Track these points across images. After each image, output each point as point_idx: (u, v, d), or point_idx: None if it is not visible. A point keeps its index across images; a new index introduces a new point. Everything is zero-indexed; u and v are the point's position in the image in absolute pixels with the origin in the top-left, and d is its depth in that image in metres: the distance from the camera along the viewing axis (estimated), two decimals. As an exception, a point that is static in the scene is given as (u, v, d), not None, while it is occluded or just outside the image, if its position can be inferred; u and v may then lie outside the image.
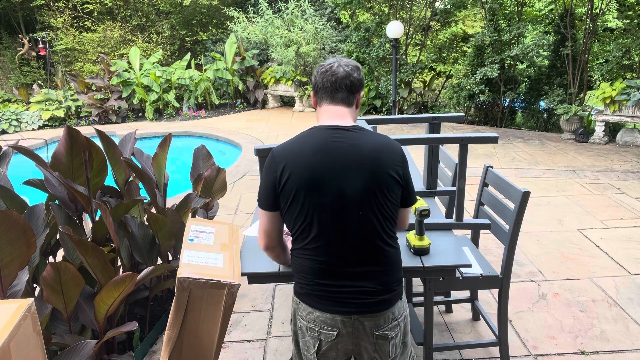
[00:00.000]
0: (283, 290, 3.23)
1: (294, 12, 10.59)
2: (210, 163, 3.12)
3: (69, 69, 13.16)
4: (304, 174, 1.39)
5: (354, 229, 1.41)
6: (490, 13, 8.69)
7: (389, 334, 1.48)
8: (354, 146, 1.41)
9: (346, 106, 1.48)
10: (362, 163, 1.40)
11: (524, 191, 2.13)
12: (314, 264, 1.45)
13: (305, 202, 1.40)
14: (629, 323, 2.76)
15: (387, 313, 1.47)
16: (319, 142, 1.42)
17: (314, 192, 1.39)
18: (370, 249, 1.43)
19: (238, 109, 11.47)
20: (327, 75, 1.46)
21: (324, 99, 1.49)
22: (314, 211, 1.41)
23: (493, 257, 3.60)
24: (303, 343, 1.53)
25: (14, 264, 1.73)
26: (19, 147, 2.23)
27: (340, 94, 1.47)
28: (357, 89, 1.49)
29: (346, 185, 1.39)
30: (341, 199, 1.40)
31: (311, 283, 1.46)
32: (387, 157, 1.42)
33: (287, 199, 1.43)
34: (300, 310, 1.50)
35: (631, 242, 3.78)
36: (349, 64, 1.48)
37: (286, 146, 1.45)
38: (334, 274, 1.43)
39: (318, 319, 1.46)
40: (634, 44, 7.46)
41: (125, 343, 2.59)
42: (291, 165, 1.40)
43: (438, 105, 10.33)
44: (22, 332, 1.22)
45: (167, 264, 2.33)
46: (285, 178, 1.41)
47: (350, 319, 1.44)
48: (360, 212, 1.40)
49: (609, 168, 5.81)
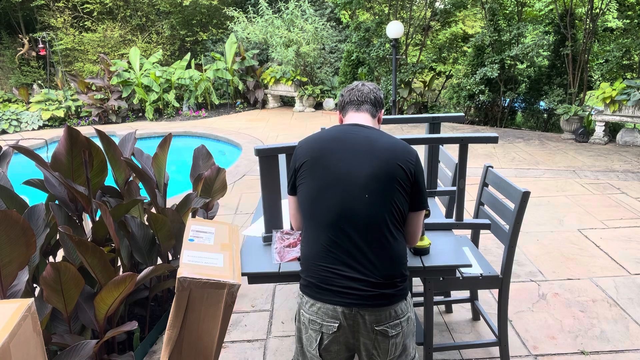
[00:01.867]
0: (283, 290, 3.23)
1: (294, 12, 10.59)
2: (210, 163, 3.12)
3: (69, 69, 13.16)
4: (314, 154, 1.53)
5: (360, 213, 1.45)
6: (490, 13, 8.69)
7: (390, 332, 1.48)
8: (368, 138, 1.53)
9: (370, 116, 1.65)
10: (373, 151, 1.49)
11: (524, 191, 2.13)
12: (318, 246, 1.49)
13: (312, 181, 1.51)
14: (629, 323, 2.76)
15: (389, 309, 1.48)
16: (334, 132, 1.57)
17: (320, 171, 1.50)
18: (375, 236, 1.45)
19: (238, 109, 11.47)
20: (354, 92, 1.67)
21: (349, 110, 1.67)
22: (317, 193, 1.49)
23: (493, 257, 3.60)
24: (306, 338, 1.55)
25: (14, 264, 1.73)
26: (19, 147, 2.23)
27: (366, 105, 1.65)
28: (380, 105, 1.69)
29: (353, 169, 1.47)
30: (347, 180, 1.47)
31: (313, 267, 1.50)
32: (400, 152, 1.50)
33: (300, 179, 1.56)
34: (304, 304, 1.54)
35: (631, 242, 3.78)
36: (372, 84, 1.70)
37: (308, 137, 1.61)
38: (337, 256, 1.46)
39: (320, 310, 1.48)
40: (634, 44, 7.46)
41: (125, 343, 2.59)
42: (306, 150, 1.57)
43: (438, 105, 10.33)
44: (22, 332, 1.21)
45: (167, 264, 2.33)
46: (300, 162, 1.57)
47: (351, 311, 1.46)
48: (367, 195, 1.45)
49: (609, 168, 5.81)
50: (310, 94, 10.80)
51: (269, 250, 2.01)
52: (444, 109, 10.12)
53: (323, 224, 1.48)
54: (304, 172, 1.54)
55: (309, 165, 1.53)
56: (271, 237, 2.06)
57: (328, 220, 1.47)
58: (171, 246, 2.63)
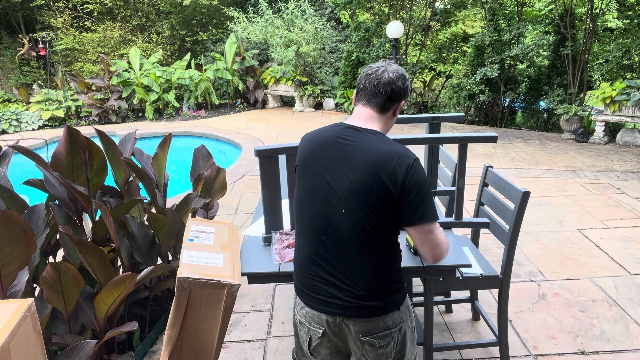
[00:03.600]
0: (283, 290, 3.23)
1: (294, 12, 10.59)
2: (210, 163, 3.12)
3: (69, 69, 13.16)
4: (305, 159, 1.49)
5: (338, 227, 1.39)
6: (490, 13, 8.69)
7: (377, 342, 1.43)
8: (356, 146, 1.39)
9: (379, 112, 1.46)
10: (355, 162, 1.37)
11: (524, 191, 2.13)
12: (304, 253, 1.48)
13: (300, 187, 1.49)
14: (629, 323, 2.76)
15: (376, 321, 1.41)
16: (326, 136, 1.47)
17: (307, 178, 1.47)
18: (353, 251, 1.38)
19: (238, 109, 11.47)
20: (371, 78, 1.45)
21: (361, 100, 1.49)
22: (304, 199, 1.47)
23: (493, 257, 3.60)
24: (299, 336, 1.56)
25: (14, 264, 1.73)
26: (19, 147, 2.23)
27: (378, 99, 1.45)
28: (398, 97, 1.46)
29: (334, 180, 1.40)
30: (329, 192, 1.40)
31: (301, 273, 1.49)
32: (385, 163, 1.34)
33: (297, 180, 1.54)
34: (296, 304, 1.55)
35: (631, 242, 3.78)
36: (396, 71, 1.45)
37: (309, 134, 1.55)
38: (320, 265, 1.43)
39: (307, 314, 1.49)
40: (634, 44, 7.46)
41: (125, 343, 2.59)
42: (301, 151, 1.53)
43: (438, 105, 10.33)
44: (22, 332, 1.21)
45: (167, 264, 2.33)
46: (296, 163, 1.55)
47: (335, 320, 1.43)
48: (344, 210, 1.38)
49: (609, 168, 5.81)
50: (310, 94, 10.80)
51: (269, 251, 2.01)
52: (444, 109, 10.12)
53: (307, 232, 1.45)
54: (298, 175, 1.52)
55: (299, 169, 1.50)
56: (271, 237, 2.06)
57: (311, 230, 1.44)
58: (171, 246, 2.63)
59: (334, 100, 10.83)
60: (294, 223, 2.07)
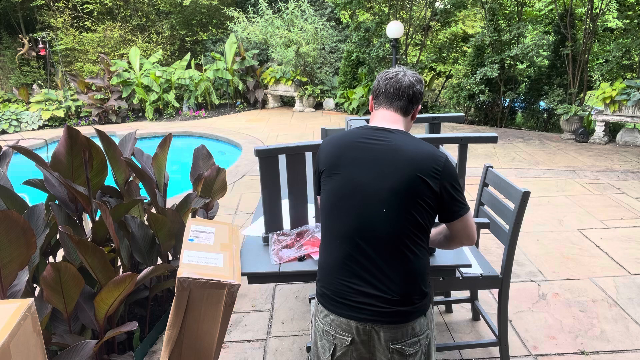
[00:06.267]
0: (283, 290, 3.23)
1: (294, 12, 10.59)
2: (210, 163, 3.12)
3: (69, 69, 13.16)
4: (334, 161, 1.46)
5: (378, 228, 1.37)
6: (490, 13, 8.69)
7: (407, 350, 1.41)
8: (391, 145, 1.42)
9: (402, 114, 1.51)
10: (394, 162, 1.39)
11: (524, 191, 2.13)
12: (334, 258, 1.43)
13: (331, 190, 1.45)
14: (629, 323, 2.76)
15: (406, 327, 1.40)
16: (352, 138, 1.47)
17: (339, 180, 1.44)
18: (393, 252, 1.37)
19: (238, 109, 11.47)
20: (392, 82, 1.50)
21: (382, 104, 1.52)
22: (335, 202, 1.43)
23: (493, 257, 3.60)
24: (320, 346, 1.51)
25: (14, 264, 1.73)
26: (19, 147, 2.23)
27: (401, 102, 1.50)
28: (417, 100, 1.52)
29: (372, 181, 1.39)
30: (366, 193, 1.39)
31: (328, 279, 1.45)
32: (424, 163, 1.38)
33: (322, 184, 1.51)
34: (318, 312, 1.50)
35: (631, 242, 3.78)
36: (414, 75, 1.51)
37: (332, 137, 1.52)
38: (352, 270, 1.40)
39: (333, 322, 1.44)
40: (634, 44, 7.46)
41: (125, 343, 2.59)
42: (326, 155, 1.50)
43: (438, 105, 10.33)
44: (22, 332, 1.21)
45: (167, 264, 2.33)
46: (322, 167, 1.51)
47: (365, 326, 1.40)
48: (385, 210, 1.37)
49: (609, 168, 5.81)
50: (310, 94, 10.81)
51: (269, 250, 2.01)
52: (444, 109, 10.12)
53: (339, 236, 1.42)
54: (325, 179, 1.48)
55: (327, 173, 1.47)
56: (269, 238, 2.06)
57: (345, 233, 1.41)
58: (171, 246, 2.63)
59: (334, 100, 10.83)
60: (294, 223, 2.08)
